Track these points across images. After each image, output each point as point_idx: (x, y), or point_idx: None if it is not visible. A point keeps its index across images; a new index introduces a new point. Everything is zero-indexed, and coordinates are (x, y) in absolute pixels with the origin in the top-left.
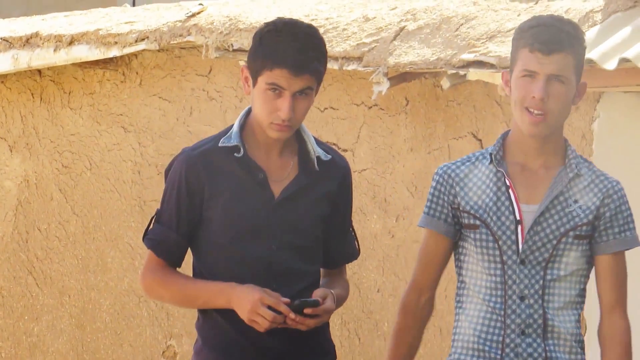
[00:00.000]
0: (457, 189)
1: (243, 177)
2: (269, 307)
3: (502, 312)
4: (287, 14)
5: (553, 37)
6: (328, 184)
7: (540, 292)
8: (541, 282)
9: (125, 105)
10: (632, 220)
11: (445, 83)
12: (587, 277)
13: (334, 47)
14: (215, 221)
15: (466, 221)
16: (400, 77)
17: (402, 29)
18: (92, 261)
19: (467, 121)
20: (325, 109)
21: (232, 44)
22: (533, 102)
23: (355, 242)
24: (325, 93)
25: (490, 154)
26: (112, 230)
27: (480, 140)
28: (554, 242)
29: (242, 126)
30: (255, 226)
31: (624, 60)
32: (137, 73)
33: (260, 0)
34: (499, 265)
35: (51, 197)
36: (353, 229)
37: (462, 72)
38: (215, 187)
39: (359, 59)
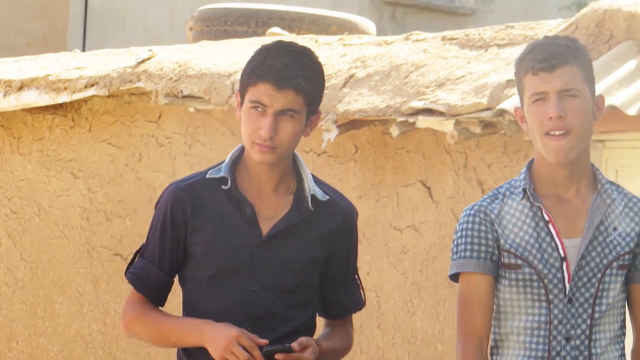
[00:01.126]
0: (496, 226)
1: (230, 212)
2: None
3: (546, 355)
4: (238, 61)
5: (552, 52)
6: (324, 225)
7: (587, 331)
8: (588, 320)
9: (74, 151)
10: None
11: (395, 130)
12: (625, 307)
13: None
14: (197, 257)
15: (506, 261)
16: (350, 124)
17: (351, 76)
18: (40, 307)
19: (416, 169)
20: None
21: (181, 90)
22: (551, 124)
23: (360, 291)
24: None
25: (524, 189)
26: (60, 276)
27: (428, 187)
28: (599, 275)
29: (236, 160)
30: (237, 265)
31: None
32: (86, 119)
33: (209, 46)
34: (544, 304)
35: (0, 242)
36: (358, 277)
37: (411, 120)
38: (199, 221)
39: None
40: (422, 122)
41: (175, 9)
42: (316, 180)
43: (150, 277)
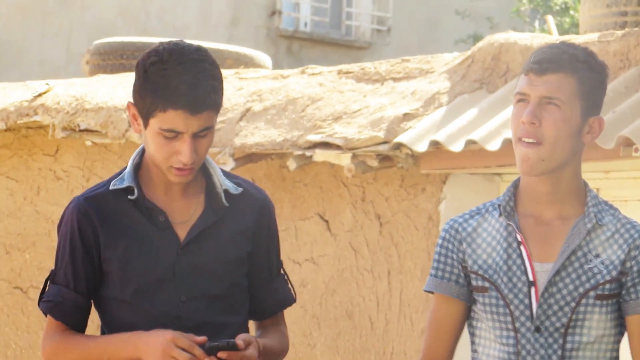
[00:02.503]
0: (465, 245)
1: (141, 223)
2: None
3: None
4: None
5: (551, 56)
6: (242, 220)
7: None
8: (560, 352)
9: None
10: None
11: (292, 164)
12: (618, 342)
13: None
14: (113, 275)
15: (474, 283)
16: (247, 157)
17: (248, 109)
18: None
19: (313, 202)
20: None
21: (78, 124)
22: (523, 129)
23: (289, 286)
24: None
25: (499, 205)
26: None
27: (327, 221)
28: (573, 304)
29: (137, 166)
30: (159, 277)
31: (470, 142)
32: None
33: (106, 80)
34: (512, 334)
35: None
36: (285, 272)
37: (308, 153)
38: (110, 236)
39: None
40: (319, 155)
41: (72, 42)
42: (225, 173)
43: (66, 302)
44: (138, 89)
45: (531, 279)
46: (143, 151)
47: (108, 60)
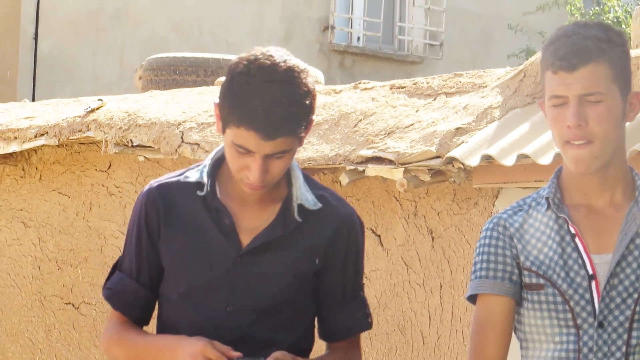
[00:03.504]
0: (515, 241)
1: (205, 222)
2: None
3: None
4: (186, 110)
5: (575, 48)
6: (315, 236)
7: None
8: (624, 348)
9: (25, 201)
10: None
11: (344, 179)
12: None
13: None
14: (167, 271)
15: (527, 280)
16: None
17: None
18: None
19: (366, 217)
20: None
21: (131, 140)
22: (570, 133)
23: (365, 311)
24: None
25: (547, 198)
26: (12, 325)
27: (379, 235)
28: (635, 296)
29: (219, 161)
30: (210, 282)
31: (522, 156)
32: (36, 168)
33: (158, 96)
34: (572, 331)
35: None
36: (363, 295)
37: (360, 168)
38: (170, 229)
39: None
40: (372, 170)
41: (124, 58)
42: (311, 184)
43: (127, 292)
44: (222, 94)
45: (591, 272)
46: None
47: (161, 75)
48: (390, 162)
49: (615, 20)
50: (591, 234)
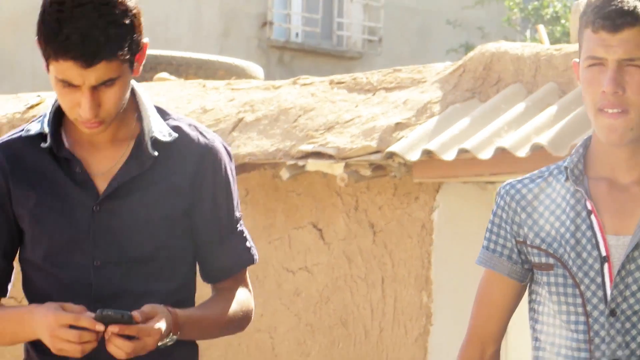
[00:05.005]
0: (523, 216)
1: (56, 174)
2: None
3: None
4: None
5: (622, 7)
6: (177, 172)
7: (638, 352)
8: (639, 338)
9: None
10: None
11: (285, 174)
12: None
13: None
14: (26, 234)
15: (536, 259)
16: (240, 167)
17: (240, 120)
18: None
19: (307, 211)
20: None
21: None
22: (605, 99)
23: (246, 244)
24: None
25: (566, 168)
26: None
27: (320, 230)
28: None
29: (60, 108)
30: (72, 238)
31: (462, 151)
32: None
33: None
34: (582, 318)
35: None
36: (241, 228)
37: (301, 163)
38: (21, 189)
39: None
40: (312, 165)
41: None
42: (164, 116)
43: None
44: (37, 28)
45: (604, 253)
46: None
47: None
48: (331, 157)
49: (554, 15)
50: (611, 212)
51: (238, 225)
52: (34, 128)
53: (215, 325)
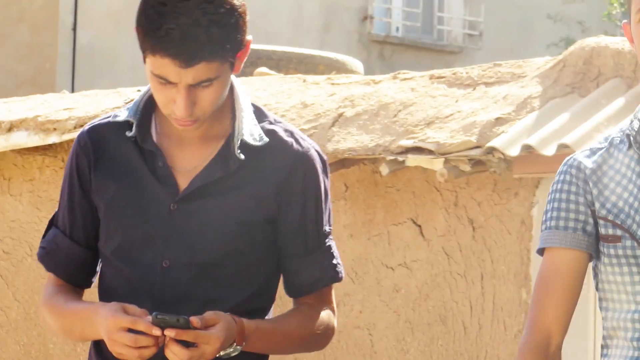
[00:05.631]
0: (591, 185)
1: (138, 165)
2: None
3: None
4: None
5: None
6: (261, 179)
7: None
8: None
9: None
10: None
11: (384, 169)
12: None
13: None
14: (101, 224)
15: (603, 231)
16: (340, 163)
17: (340, 115)
18: (34, 347)
19: (406, 207)
20: None
21: None
22: None
23: (333, 262)
24: None
25: (628, 136)
26: None
27: (419, 226)
28: None
29: (153, 98)
30: (145, 234)
31: (562, 146)
32: None
33: None
34: None
35: None
36: (330, 243)
37: (400, 159)
38: (102, 177)
39: None
40: (412, 160)
41: None
42: (262, 117)
43: (60, 250)
44: (137, 18)
45: None
46: None
47: None
48: (430, 152)
49: None
50: None
51: (327, 240)
52: (122, 115)
53: (287, 340)
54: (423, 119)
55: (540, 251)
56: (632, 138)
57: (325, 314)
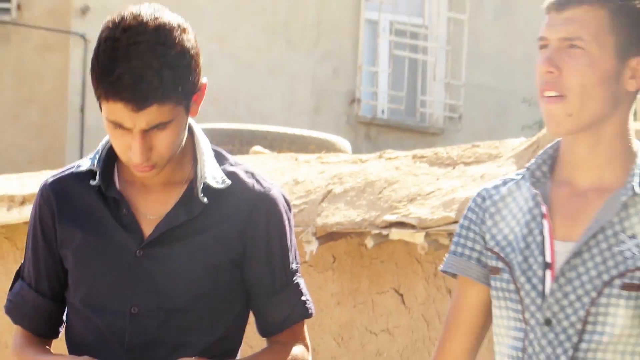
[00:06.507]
0: (487, 216)
1: (102, 214)
2: None
3: None
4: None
5: None
6: (225, 221)
7: None
8: (571, 351)
9: None
10: None
11: (370, 242)
12: None
13: None
14: (69, 274)
15: (490, 263)
16: (328, 236)
17: (329, 191)
18: None
19: (389, 277)
20: None
21: None
22: (542, 81)
23: (301, 299)
24: None
25: (528, 169)
26: None
27: (401, 294)
28: (593, 294)
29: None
30: (112, 282)
31: None
32: None
33: None
34: (521, 326)
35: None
36: (297, 281)
37: (385, 232)
38: (67, 227)
39: None
40: (395, 234)
41: None
42: (223, 160)
43: (26, 303)
44: (91, 65)
45: (547, 259)
46: None
47: None
48: (413, 226)
49: None
50: (565, 217)
51: (294, 278)
52: (84, 164)
53: None
54: (406, 196)
55: (448, 273)
56: (530, 172)
57: (298, 350)
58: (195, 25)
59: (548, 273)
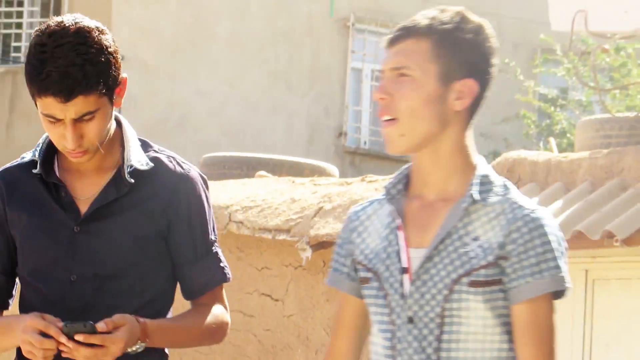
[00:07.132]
0: (355, 234)
1: (45, 198)
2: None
3: None
4: (233, 196)
5: (406, 23)
6: (150, 199)
7: (433, 356)
8: (435, 343)
9: None
10: (554, 257)
11: None
12: (509, 333)
13: (268, 221)
14: (18, 251)
15: (360, 275)
16: (319, 244)
17: (320, 208)
18: None
19: None
20: (262, 268)
21: None
22: (379, 107)
23: (219, 265)
24: (261, 257)
25: (385, 187)
26: None
27: None
28: (445, 292)
29: None
30: (54, 255)
31: None
32: None
33: (211, 185)
34: (389, 327)
35: None
36: (216, 249)
37: None
38: (15, 211)
39: (287, 231)
40: None
41: (186, 157)
42: (146, 146)
43: None
44: (24, 70)
45: (404, 265)
46: None
47: (214, 170)
48: None
49: (561, 130)
50: (417, 227)
51: (213, 247)
52: (28, 156)
53: (187, 335)
54: None
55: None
56: (386, 190)
57: (218, 310)
58: (211, 72)
59: (406, 277)
